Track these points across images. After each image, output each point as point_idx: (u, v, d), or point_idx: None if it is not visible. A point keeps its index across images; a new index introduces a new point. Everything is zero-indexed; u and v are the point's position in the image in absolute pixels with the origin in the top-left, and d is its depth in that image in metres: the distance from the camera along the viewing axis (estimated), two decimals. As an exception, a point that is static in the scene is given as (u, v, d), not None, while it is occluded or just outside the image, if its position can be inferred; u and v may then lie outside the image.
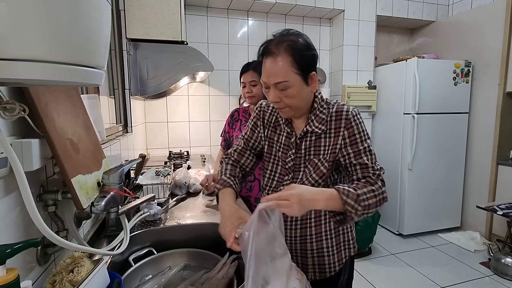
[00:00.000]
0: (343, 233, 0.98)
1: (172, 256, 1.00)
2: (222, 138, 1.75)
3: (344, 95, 3.02)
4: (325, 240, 0.95)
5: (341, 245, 0.97)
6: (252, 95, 1.51)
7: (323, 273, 0.96)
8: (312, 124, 0.90)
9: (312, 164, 0.90)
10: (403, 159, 2.94)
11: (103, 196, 0.74)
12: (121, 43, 1.83)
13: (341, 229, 0.97)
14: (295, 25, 3.07)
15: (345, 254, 0.98)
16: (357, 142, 0.86)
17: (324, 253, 0.95)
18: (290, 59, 0.80)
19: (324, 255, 0.95)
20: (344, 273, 1.00)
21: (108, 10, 0.48)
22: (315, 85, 0.86)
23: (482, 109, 2.93)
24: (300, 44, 0.81)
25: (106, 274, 0.67)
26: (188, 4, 2.69)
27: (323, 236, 0.95)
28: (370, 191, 0.79)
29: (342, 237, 0.98)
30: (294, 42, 0.81)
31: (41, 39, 0.35)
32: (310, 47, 0.83)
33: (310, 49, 0.83)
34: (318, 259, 0.95)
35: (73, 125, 0.76)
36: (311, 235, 0.95)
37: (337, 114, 0.88)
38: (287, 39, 0.82)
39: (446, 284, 2.22)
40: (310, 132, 0.91)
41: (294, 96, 0.83)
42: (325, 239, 0.95)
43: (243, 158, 1.03)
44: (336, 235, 0.96)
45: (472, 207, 2.92)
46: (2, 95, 0.53)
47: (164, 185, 1.32)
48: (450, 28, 3.16)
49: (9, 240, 0.56)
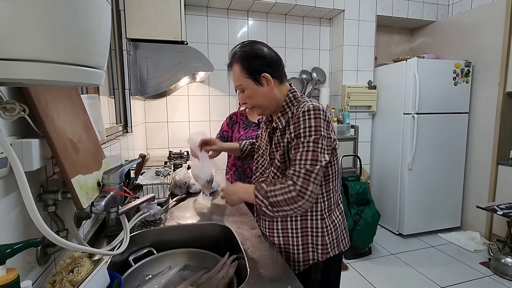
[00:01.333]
0: (312, 235, 1.00)
1: (172, 256, 1.01)
2: (218, 134, 1.87)
3: (344, 95, 3.03)
4: (291, 237, 1.01)
5: (309, 247, 1.00)
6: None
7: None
8: (278, 121, 1.01)
9: (272, 157, 1.03)
10: (403, 159, 2.94)
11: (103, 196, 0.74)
12: (121, 43, 1.83)
13: (309, 231, 1.00)
14: (295, 25, 3.07)
15: (312, 257, 1.00)
16: (300, 137, 0.91)
17: (290, 250, 1.01)
18: (239, 66, 0.97)
19: (289, 252, 1.01)
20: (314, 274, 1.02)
21: (108, 10, 0.48)
22: (271, 85, 0.98)
23: (482, 109, 2.93)
24: (248, 53, 0.97)
25: (106, 274, 0.67)
26: (188, 4, 2.69)
27: (289, 233, 1.01)
28: (279, 189, 0.89)
29: (311, 239, 1.00)
30: (243, 52, 0.98)
31: (41, 39, 0.35)
32: (258, 55, 0.97)
33: (258, 56, 0.97)
34: (285, 254, 1.02)
35: (73, 125, 0.76)
36: (278, 229, 1.03)
37: (297, 111, 0.95)
38: (239, 51, 0.98)
39: (446, 284, 2.22)
40: (275, 128, 1.02)
41: (251, 96, 1.00)
42: (291, 236, 1.01)
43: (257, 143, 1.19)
44: (303, 235, 1.00)
45: (472, 207, 2.92)
46: (2, 95, 0.53)
47: (164, 185, 1.32)
48: (450, 28, 3.16)
49: (9, 240, 0.56)
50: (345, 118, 3.00)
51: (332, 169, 0.99)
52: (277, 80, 0.99)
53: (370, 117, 3.24)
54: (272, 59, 0.98)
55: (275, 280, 0.78)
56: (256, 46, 0.99)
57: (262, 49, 0.98)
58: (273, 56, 0.99)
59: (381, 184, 3.23)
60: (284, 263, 0.87)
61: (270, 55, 0.98)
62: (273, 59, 0.98)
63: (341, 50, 3.03)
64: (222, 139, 1.82)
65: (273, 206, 0.89)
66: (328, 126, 0.92)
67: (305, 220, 0.99)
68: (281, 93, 1.01)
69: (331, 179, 1.00)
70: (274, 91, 0.99)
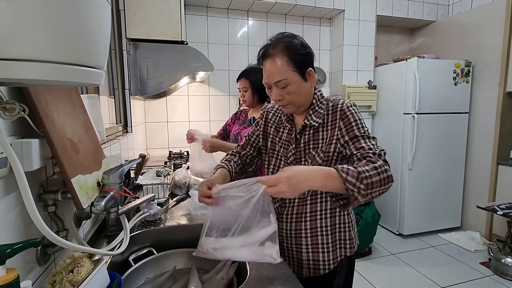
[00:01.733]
0: (340, 231, 0.97)
1: (172, 256, 1.01)
2: (221, 129, 1.92)
3: (344, 95, 3.02)
4: (320, 236, 0.95)
5: (337, 243, 0.97)
6: (244, 100, 1.71)
7: (317, 270, 0.96)
8: (310, 118, 0.94)
9: (310, 157, 0.94)
10: (403, 159, 2.94)
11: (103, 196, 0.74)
12: (121, 43, 1.83)
13: (337, 227, 0.97)
14: (295, 25, 3.07)
15: (340, 253, 0.97)
16: (353, 129, 0.87)
17: (319, 249, 0.95)
18: (286, 58, 0.87)
19: (319, 252, 0.95)
20: (340, 274, 0.99)
21: (108, 10, 0.48)
22: (314, 80, 0.92)
23: (482, 109, 2.93)
24: (294, 44, 0.89)
25: (106, 274, 0.67)
26: (188, 4, 2.69)
27: (318, 232, 0.95)
28: (373, 169, 0.75)
29: (339, 235, 0.97)
30: (289, 42, 0.89)
31: (41, 39, 0.35)
32: (304, 46, 0.90)
33: (304, 48, 0.90)
34: (313, 255, 0.96)
35: (73, 125, 0.76)
36: (306, 229, 0.96)
37: (333, 108, 0.92)
38: (282, 41, 0.89)
39: (446, 284, 2.22)
40: (308, 126, 0.94)
41: (294, 92, 0.90)
42: (321, 235, 0.95)
43: (244, 150, 1.13)
44: (332, 232, 0.96)
45: (472, 207, 2.92)
46: (2, 95, 0.53)
47: (164, 185, 1.32)
48: (450, 28, 3.16)
49: (9, 240, 0.56)
50: (345, 118, 3.00)
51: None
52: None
53: (370, 117, 3.24)
54: (313, 54, 0.93)
55: (275, 281, 0.78)
56: (299, 37, 0.92)
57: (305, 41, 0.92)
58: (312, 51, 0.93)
59: (381, 184, 3.22)
60: (284, 263, 0.87)
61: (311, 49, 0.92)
62: (313, 54, 0.93)
63: (341, 50, 3.03)
64: (224, 132, 1.89)
65: (368, 189, 0.74)
66: None
67: (334, 217, 0.96)
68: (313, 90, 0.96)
69: None
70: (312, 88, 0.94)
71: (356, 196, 0.74)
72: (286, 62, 0.87)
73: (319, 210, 0.95)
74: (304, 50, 0.89)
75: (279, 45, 0.88)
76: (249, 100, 1.70)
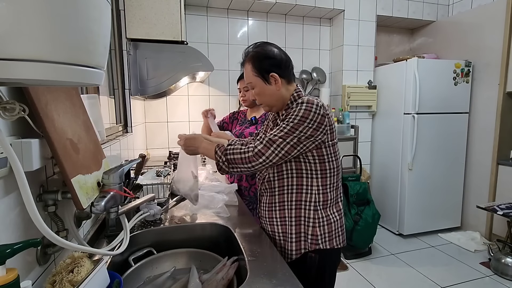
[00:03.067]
0: (304, 225, 1.04)
1: (172, 256, 1.01)
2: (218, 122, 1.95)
3: (344, 95, 3.03)
4: (288, 225, 1.06)
5: (301, 236, 1.04)
6: (245, 99, 1.76)
7: (286, 257, 1.06)
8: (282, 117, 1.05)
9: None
10: (403, 159, 2.94)
11: (103, 196, 0.74)
12: (121, 43, 1.83)
13: (302, 220, 1.04)
14: (295, 25, 3.07)
15: (304, 246, 1.04)
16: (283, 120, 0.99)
17: (287, 238, 1.06)
18: (251, 66, 1.04)
19: (286, 240, 1.06)
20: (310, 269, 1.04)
21: (108, 10, 0.48)
22: (279, 84, 1.04)
23: (482, 109, 2.93)
24: (259, 53, 1.04)
25: (106, 274, 0.67)
26: (188, 4, 2.69)
27: (287, 221, 1.06)
28: (238, 148, 0.99)
29: (303, 227, 1.04)
30: (256, 52, 1.04)
31: (41, 39, 0.35)
32: (268, 55, 1.03)
33: (268, 57, 1.03)
34: (282, 242, 1.07)
35: (73, 125, 0.76)
36: (276, 218, 1.08)
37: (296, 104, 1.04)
38: (251, 51, 1.05)
39: (446, 284, 2.22)
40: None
41: (259, 94, 1.07)
42: (288, 224, 1.06)
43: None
44: (296, 224, 1.05)
45: (472, 207, 2.92)
46: (2, 95, 0.53)
47: (164, 185, 1.32)
48: (450, 28, 3.16)
49: (9, 240, 0.56)
50: (345, 118, 3.00)
51: (329, 164, 1.03)
52: (285, 79, 1.06)
53: (370, 117, 3.24)
54: (281, 60, 1.05)
55: (275, 281, 0.78)
56: (267, 47, 1.06)
57: (272, 50, 1.05)
58: (283, 57, 1.06)
59: (381, 184, 3.23)
60: (285, 264, 0.87)
61: (280, 56, 1.05)
62: (283, 60, 1.05)
63: (341, 50, 3.03)
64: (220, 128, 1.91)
65: (229, 163, 0.98)
66: (320, 119, 0.96)
67: (299, 209, 1.05)
68: (288, 92, 1.07)
69: (329, 175, 1.03)
70: (282, 90, 1.05)
71: (221, 165, 1.00)
72: (250, 68, 1.05)
73: (286, 201, 1.06)
74: (267, 58, 1.03)
75: (248, 54, 1.06)
76: (249, 100, 1.71)
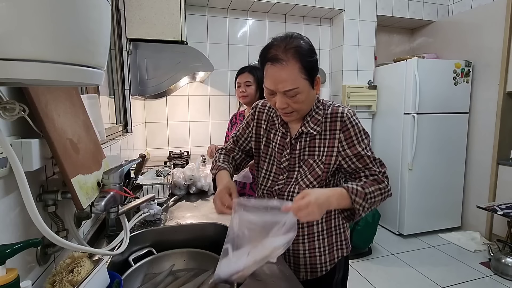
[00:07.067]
0: (336, 233, 0.98)
1: (172, 256, 1.00)
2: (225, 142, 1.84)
3: (344, 95, 3.02)
4: (317, 240, 0.95)
5: (333, 246, 0.98)
6: (246, 95, 1.60)
7: (315, 272, 0.97)
8: (308, 125, 0.90)
9: (307, 165, 0.91)
10: (403, 159, 2.94)
11: (103, 196, 0.74)
12: (121, 43, 1.83)
13: (333, 230, 0.97)
14: (295, 25, 3.07)
15: (337, 254, 0.98)
16: (355, 144, 0.86)
17: (316, 254, 0.96)
18: (299, 65, 0.79)
19: (316, 255, 0.96)
20: (338, 272, 1.00)
21: (108, 10, 0.48)
22: (319, 87, 0.88)
23: (482, 109, 2.93)
24: (305, 49, 0.81)
25: (106, 274, 0.67)
26: (188, 4, 2.69)
27: (315, 237, 0.95)
28: (377, 189, 0.82)
29: (335, 237, 0.98)
30: (300, 47, 0.80)
31: (42, 39, 0.35)
32: (313, 51, 0.84)
33: (314, 53, 0.83)
34: (310, 259, 0.96)
35: (73, 125, 0.76)
36: (303, 235, 0.95)
37: (332, 116, 0.89)
38: (294, 45, 0.80)
39: (446, 284, 2.22)
40: (305, 133, 0.91)
41: (303, 101, 0.84)
42: (317, 239, 0.95)
43: (233, 153, 1.09)
44: (328, 236, 0.96)
45: (472, 207, 2.92)
46: (2, 95, 0.53)
47: (164, 185, 1.32)
48: (450, 28, 3.16)
49: (9, 240, 0.56)
50: (345, 118, 3.00)
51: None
52: None
53: (370, 117, 3.23)
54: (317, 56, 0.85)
55: (275, 281, 0.77)
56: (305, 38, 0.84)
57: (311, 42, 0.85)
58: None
59: (381, 184, 3.22)
60: (284, 264, 0.87)
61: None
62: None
63: (341, 50, 3.03)
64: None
65: (370, 206, 0.82)
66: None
67: (329, 221, 0.96)
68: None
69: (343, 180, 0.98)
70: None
71: (361, 213, 0.82)
72: (298, 69, 0.79)
73: None
74: (315, 56, 0.83)
75: (290, 49, 0.79)
76: (250, 96, 1.59)
